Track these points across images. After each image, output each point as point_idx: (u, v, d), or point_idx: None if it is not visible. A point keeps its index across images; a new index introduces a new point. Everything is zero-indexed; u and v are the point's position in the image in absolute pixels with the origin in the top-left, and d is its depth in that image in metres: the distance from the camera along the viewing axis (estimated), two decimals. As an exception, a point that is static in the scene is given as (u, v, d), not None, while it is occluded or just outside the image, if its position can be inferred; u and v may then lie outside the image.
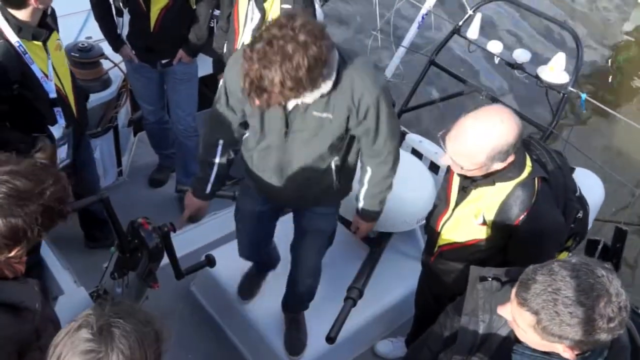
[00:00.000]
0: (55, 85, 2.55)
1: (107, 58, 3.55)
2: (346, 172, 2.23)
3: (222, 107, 2.18)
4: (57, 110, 2.59)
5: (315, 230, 2.45)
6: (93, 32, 3.62)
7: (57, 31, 2.64)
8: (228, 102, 2.15)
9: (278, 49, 1.64)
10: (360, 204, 2.31)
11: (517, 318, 1.39)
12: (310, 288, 2.73)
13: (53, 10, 2.61)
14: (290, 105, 1.95)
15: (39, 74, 2.46)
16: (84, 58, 3.45)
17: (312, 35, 1.66)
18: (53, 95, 2.53)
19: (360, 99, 1.91)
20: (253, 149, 2.22)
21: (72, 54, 3.43)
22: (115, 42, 3.30)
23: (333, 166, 2.15)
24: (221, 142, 2.27)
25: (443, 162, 1.93)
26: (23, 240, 1.37)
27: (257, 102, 1.77)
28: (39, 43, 2.45)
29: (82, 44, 3.48)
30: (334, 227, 2.51)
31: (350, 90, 1.90)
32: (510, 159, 1.85)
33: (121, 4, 3.15)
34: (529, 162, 1.91)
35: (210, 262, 2.78)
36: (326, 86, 1.86)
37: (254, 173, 2.30)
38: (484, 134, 1.77)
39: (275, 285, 2.98)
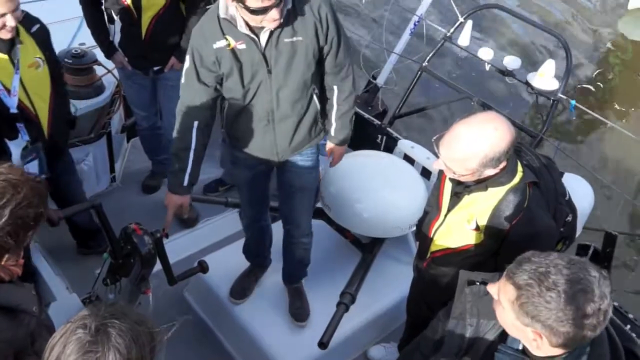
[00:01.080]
0: (21, 101, 2.50)
1: (100, 64, 3.56)
2: (324, 102, 2.44)
3: (192, 87, 2.28)
4: (20, 126, 2.54)
5: (302, 187, 2.62)
6: (86, 39, 3.63)
7: (48, 49, 2.60)
8: (199, 77, 2.25)
9: None
10: (333, 127, 2.49)
11: (500, 292, 1.42)
12: (305, 251, 2.87)
13: (43, 29, 2.59)
14: (263, 40, 2.15)
15: None
16: (77, 64, 3.45)
17: None
18: (14, 110, 2.48)
19: (319, 9, 2.17)
20: (239, 110, 2.33)
21: (66, 60, 3.44)
22: (108, 49, 3.31)
23: (314, 96, 2.36)
24: (196, 123, 2.32)
25: (436, 166, 1.96)
26: (4, 253, 1.37)
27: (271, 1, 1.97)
28: (4, 56, 2.41)
29: (76, 51, 3.48)
30: (317, 183, 2.75)
31: (309, 8, 2.16)
32: (502, 165, 1.88)
33: (113, 12, 3.16)
34: (520, 168, 1.94)
35: (203, 268, 2.79)
36: (289, 2, 2.10)
37: (243, 139, 2.43)
38: (477, 141, 1.79)
39: (267, 291, 3.00)
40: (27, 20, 2.51)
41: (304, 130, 2.42)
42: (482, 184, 1.91)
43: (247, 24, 2.12)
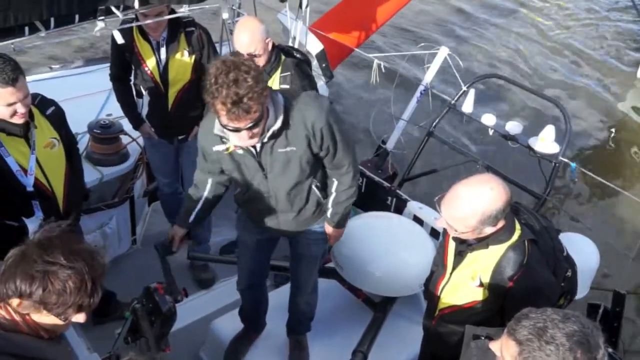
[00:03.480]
0: (37, 179, 2.61)
1: (126, 134, 3.80)
2: (326, 189, 2.58)
3: (204, 165, 2.57)
4: (35, 204, 2.64)
5: (310, 256, 2.82)
6: (114, 110, 3.90)
7: (63, 128, 2.73)
8: (207, 164, 2.54)
9: (226, 70, 2.02)
10: (330, 211, 2.61)
11: (503, 349, 1.51)
12: (309, 306, 3.05)
13: (57, 111, 2.72)
14: (258, 147, 2.32)
15: (14, 167, 2.54)
16: (105, 134, 3.70)
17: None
18: (30, 189, 2.59)
19: (313, 125, 2.28)
20: (246, 195, 2.56)
21: (95, 130, 3.70)
22: (136, 122, 3.55)
23: (314, 187, 2.51)
24: (210, 180, 2.60)
25: (439, 224, 2.09)
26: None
27: (242, 124, 2.09)
28: (19, 138, 2.53)
29: (104, 121, 3.74)
30: (324, 250, 2.89)
31: (303, 122, 2.27)
32: (501, 223, 2.01)
33: (141, 87, 3.43)
34: (518, 226, 2.06)
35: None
36: (277, 124, 2.24)
37: (250, 209, 2.64)
38: (475, 200, 1.93)
39: (281, 349, 3.05)
40: (42, 103, 2.66)
41: (306, 216, 2.60)
42: (483, 242, 2.03)
43: None
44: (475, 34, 9.37)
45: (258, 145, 2.31)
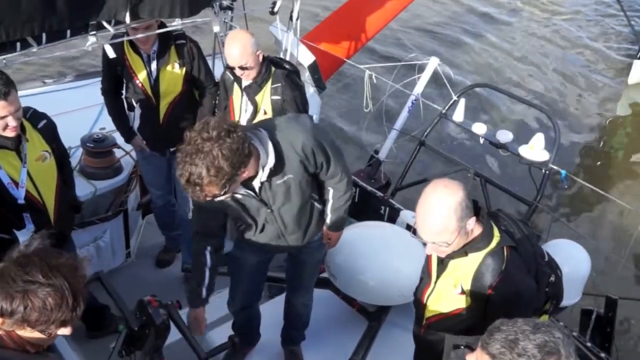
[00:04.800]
0: (29, 192, 2.63)
1: (119, 147, 3.81)
2: (323, 198, 2.63)
3: (200, 218, 2.50)
4: (26, 216, 2.66)
5: (314, 261, 2.87)
6: (107, 124, 3.91)
7: (54, 142, 2.75)
8: (207, 215, 2.47)
9: (196, 148, 2.01)
10: (328, 217, 2.66)
11: None
12: (306, 308, 3.05)
13: (49, 124, 2.74)
14: (257, 188, 2.33)
15: (5, 180, 2.57)
16: (98, 148, 3.71)
17: (223, 131, 2.02)
18: (21, 201, 2.62)
19: (303, 148, 2.29)
20: (253, 233, 2.55)
21: (88, 144, 3.71)
22: (128, 135, 3.57)
23: (314, 202, 2.57)
24: (209, 248, 2.55)
25: (429, 252, 2.10)
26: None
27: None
28: (10, 151, 2.56)
29: (97, 135, 3.76)
30: (324, 254, 2.96)
31: (292, 149, 2.28)
32: (478, 229, 2.03)
33: (133, 100, 3.45)
34: (496, 233, 2.07)
35: (234, 343, 2.72)
36: (271, 159, 2.24)
37: (257, 245, 2.62)
38: (439, 204, 1.93)
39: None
40: (34, 117, 2.69)
41: (311, 230, 2.64)
42: (462, 249, 2.05)
43: None
44: (465, 43, 9.46)
45: (257, 186, 2.33)
